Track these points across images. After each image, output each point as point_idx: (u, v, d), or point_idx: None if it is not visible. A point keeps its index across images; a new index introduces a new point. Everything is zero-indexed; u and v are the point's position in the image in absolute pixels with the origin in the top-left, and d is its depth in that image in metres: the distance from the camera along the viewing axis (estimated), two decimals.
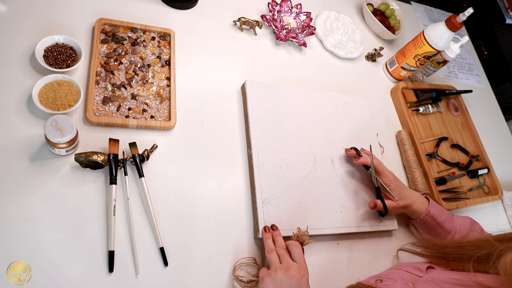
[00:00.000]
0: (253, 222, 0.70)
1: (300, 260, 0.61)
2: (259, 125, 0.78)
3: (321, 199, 0.75)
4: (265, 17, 0.97)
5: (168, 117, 0.73)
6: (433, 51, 0.97)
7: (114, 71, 0.73)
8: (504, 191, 1.03)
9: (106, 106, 0.69)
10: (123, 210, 0.63)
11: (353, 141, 0.86)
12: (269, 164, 0.74)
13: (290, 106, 0.83)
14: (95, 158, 0.62)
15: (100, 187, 0.63)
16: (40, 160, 0.61)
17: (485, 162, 1.05)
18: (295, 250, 0.62)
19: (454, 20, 0.92)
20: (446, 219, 0.77)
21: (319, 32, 1.04)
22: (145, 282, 0.59)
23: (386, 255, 0.79)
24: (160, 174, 0.68)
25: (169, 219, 0.65)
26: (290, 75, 0.93)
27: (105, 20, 0.77)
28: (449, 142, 1.05)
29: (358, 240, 0.77)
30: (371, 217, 0.78)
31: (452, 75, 1.27)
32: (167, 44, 0.81)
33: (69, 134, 0.58)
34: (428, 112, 1.06)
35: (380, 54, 1.09)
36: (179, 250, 0.63)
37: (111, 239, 0.58)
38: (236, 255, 0.66)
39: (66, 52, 0.70)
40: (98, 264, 0.57)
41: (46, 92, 0.64)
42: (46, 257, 0.55)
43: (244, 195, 0.72)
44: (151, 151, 0.68)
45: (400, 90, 1.03)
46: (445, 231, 0.76)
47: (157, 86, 0.75)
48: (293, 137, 0.80)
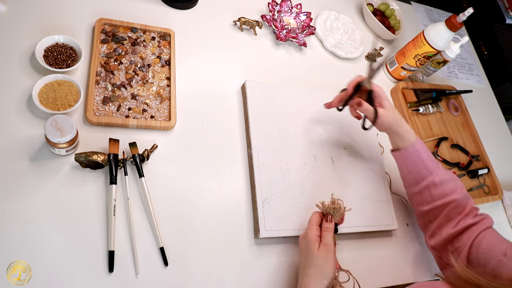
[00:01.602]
0: (253, 222, 0.70)
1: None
2: (259, 125, 0.78)
3: (321, 199, 0.75)
4: (265, 17, 0.97)
5: (168, 117, 0.73)
6: (433, 51, 0.97)
7: (114, 71, 0.73)
8: (504, 191, 1.03)
9: (106, 106, 0.69)
10: (123, 210, 0.63)
11: (353, 141, 0.86)
12: (269, 164, 0.74)
13: (290, 106, 0.83)
14: (95, 158, 0.62)
15: (100, 187, 0.63)
16: (40, 160, 0.61)
17: (485, 162, 1.05)
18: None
19: (454, 20, 0.92)
20: (431, 158, 0.73)
21: (319, 32, 1.04)
22: (145, 282, 0.59)
23: (386, 255, 0.79)
24: (160, 174, 0.68)
25: (169, 219, 0.65)
26: (290, 75, 0.93)
27: (105, 20, 0.77)
28: (449, 142, 1.05)
29: (358, 240, 0.77)
30: (371, 217, 0.78)
31: (452, 75, 1.26)
32: (167, 44, 0.81)
33: (69, 134, 0.58)
34: (428, 112, 1.06)
35: (380, 54, 1.09)
36: (179, 250, 0.63)
37: (111, 239, 0.58)
38: (236, 255, 0.66)
39: (66, 52, 0.70)
40: (98, 264, 0.57)
41: (46, 92, 0.64)
42: (46, 257, 0.55)
43: (244, 195, 0.72)
44: (151, 151, 0.68)
45: (400, 90, 1.03)
46: (427, 170, 0.72)
47: (157, 86, 0.75)
48: (293, 137, 0.80)
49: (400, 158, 0.76)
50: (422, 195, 0.74)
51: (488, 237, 0.66)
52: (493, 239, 0.65)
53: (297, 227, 0.70)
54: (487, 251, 0.64)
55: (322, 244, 0.62)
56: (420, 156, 0.73)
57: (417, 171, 0.74)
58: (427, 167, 0.72)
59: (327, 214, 0.66)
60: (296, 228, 0.70)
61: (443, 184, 0.72)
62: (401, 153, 0.75)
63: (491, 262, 0.62)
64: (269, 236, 0.68)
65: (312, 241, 0.62)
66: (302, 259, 0.62)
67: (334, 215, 0.66)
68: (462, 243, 0.67)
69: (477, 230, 0.67)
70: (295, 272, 0.69)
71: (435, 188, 0.72)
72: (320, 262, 0.60)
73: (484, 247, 0.65)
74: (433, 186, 0.72)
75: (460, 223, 0.69)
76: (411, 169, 0.75)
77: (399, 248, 0.80)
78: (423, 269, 0.80)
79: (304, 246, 0.63)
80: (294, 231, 0.70)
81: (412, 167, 0.74)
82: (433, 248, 0.73)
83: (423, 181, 0.73)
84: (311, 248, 0.61)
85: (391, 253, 0.79)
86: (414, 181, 0.75)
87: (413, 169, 0.74)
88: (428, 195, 0.73)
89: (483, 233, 0.67)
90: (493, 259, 0.62)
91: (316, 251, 0.61)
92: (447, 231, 0.70)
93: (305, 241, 0.63)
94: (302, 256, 0.63)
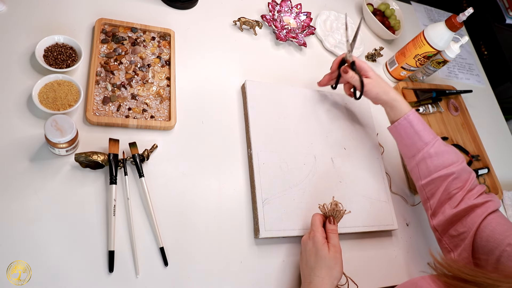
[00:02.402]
0: (253, 222, 0.70)
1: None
2: (259, 125, 0.78)
3: (321, 199, 0.75)
4: (265, 17, 0.97)
5: (168, 117, 0.73)
6: (433, 51, 0.97)
7: (114, 71, 0.73)
8: (504, 191, 1.03)
9: (106, 106, 0.69)
10: (123, 210, 0.63)
11: (353, 141, 0.86)
12: (269, 164, 0.74)
13: (290, 106, 0.83)
14: (95, 158, 0.62)
15: (100, 187, 0.63)
16: (40, 160, 0.61)
17: (485, 162, 1.05)
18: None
19: (454, 20, 0.92)
20: (426, 129, 0.72)
21: (319, 32, 1.04)
22: (145, 282, 0.59)
23: (386, 255, 0.79)
24: (160, 174, 0.68)
25: (169, 219, 0.65)
26: (290, 75, 0.93)
27: (105, 20, 0.77)
28: (449, 142, 1.05)
29: (358, 240, 0.77)
30: (371, 217, 0.78)
31: (452, 75, 1.27)
32: (167, 44, 0.81)
33: (69, 134, 0.58)
34: (428, 112, 1.06)
35: (380, 54, 1.09)
36: (179, 250, 0.63)
37: (111, 239, 0.58)
38: (236, 255, 0.66)
39: (66, 52, 0.70)
40: (98, 264, 0.57)
41: (46, 92, 0.64)
42: (46, 257, 0.55)
43: (244, 195, 0.72)
44: (151, 151, 0.68)
45: (400, 90, 1.03)
46: (422, 141, 0.71)
47: (157, 86, 0.75)
48: (293, 137, 0.80)
49: (395, 132, 0.76)
50: (419, 168, 0.72)
51: (493, 223, 0.62)
52: (498, 226, 0.62)
53: (297, 227, 0.70)
54: (492, 239, 0.61)
55: (331, 245, 0.62)
56: (413, 127, 0.72)
57: (412, 143, 0.72)
58: (422, 138, 0.71)
59: (330, 216, 0.67)
60: (296, 228, 0.70)
61: (439, 155, 0.69)
62: (394, 126, 0.75)
63: (495, 252, 0.59)
64: (269, 236, 0.68)
65: (321, 243, 0.62)
66: (311, 260, 0.62)
67: (336, 217, 0.66)
68: (467, 228, 0.64)
69: (482, 215, 0.64)
70: (295, 272, 0.69)
71: (430, 160, 0.70)
72: (332, 264, 0.60)
73: (489, 234, 0.61)
74: (429, 157, 0.70)
75: (462, 202, 0.66)
76: (406, 142, 0.74)
77: (399, 248, 0.80)
78: (423, 269, 0.80)
79: (311, 248, 0.63)
80: (294, 231, 0.70)
81: (407, 139, 0.73)
82: (435, 229, 0.71)
83: (419, 153, 0.71)
84: (321, 249, 0.61)
85: (391, 253, 0.79)
86: (411, 155, 0.73)
87: (408, 142, 0.73)
88: (424, 168, 0.71)
89: (488, 218, 0.63)
90: (497, 249, 0.59)
91: (327, 252, 0.61)
92: (450, 211, 0.67)
93: (313, 243, 0.63)
94: (310, 257, 0.62)
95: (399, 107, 0.75)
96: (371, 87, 0.77)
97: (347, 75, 0.79)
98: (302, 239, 0.66)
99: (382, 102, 0.77)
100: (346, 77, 0.79)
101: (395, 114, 0.75)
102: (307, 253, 0.63)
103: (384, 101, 0.77)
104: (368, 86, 0.77)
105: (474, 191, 0.68)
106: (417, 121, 0.72)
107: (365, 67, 0.79)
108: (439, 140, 0.72)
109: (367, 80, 0.77)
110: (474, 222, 0.64)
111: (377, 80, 0.78)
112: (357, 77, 0.77)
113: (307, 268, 0.62)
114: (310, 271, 0.61)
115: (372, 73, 0.78)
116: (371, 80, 0.77)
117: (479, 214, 0.64)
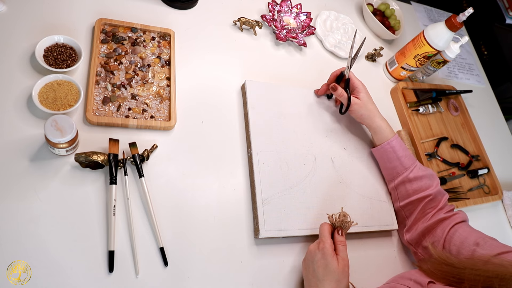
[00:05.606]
0: (253, 222, 0.70)
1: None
2: (259, 125, 0.78)
3: (321, 199, 0.75)
4: (265, 17, 0.97)
5: (168, 117, 0.73)
6: (433, 51, 0.97)
7: (114, 71, 0.73)
8: (504, 191, 1.03)
9: (106, 106, 0.69)
10: (123, 210, 0.63)
11: (353, 141, 0.86)
12: (269, 164, 0.74)
13: (290, 106, 0.83)
14: (95, 158, 0.62)
15: (100, 187, 0.63)
16: (40, 160, 0.61)
17: (485, 162, 1.05)
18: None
19: (454, 20, 0.92)
20: (407, 155, 0.78)
21: (319, 32, 1.04)
22: (145, 282, 0.59)
23: (386, 255, 0.79)
24: (160, 174, 0.68)
25: (169, 219, 0.65)
26: (290, 75, 0.93)
27: (105, 20, 0.77)
28: (449, 142, 1.05)
29: (358, 240, 0.77)
30: (371, 217, 0.78)
31: (452, 75, 1.27)
32: (167, 44, 0.81)
33: (69, 134, 0.58)
34: (428, 112, 1.06)
35: (380, 54, 1.09)
36: (179, 250, 0.63)
37: (111, 239, 0.58)
38: (236, 255, 0.66)
39: (66, 52, 0.70)
40: (98, 264, 0.57)
41: (46, 92, 0.64)
42: (46, 257, 0.55)
43: (244, 195, 0.72)
44: (151, 151, 0.68)
45: (400, 90, 1.03)
46: (403, 166, 0.77)
47: (157, 86, 0.75)
48: (293, 137, 0.80)
49: (378, 154, 0.82)
50: (398, 190, 0.79)
51: (460, 230, 0.69)
52: (464, 232, 0.68)
53: (297, 227, 0.70)
54: (460, 242, 0.67)
55: (340, 258, 0.62)
56: (395, 153, 0.77)
57: (393, 167, 0.78)
58: (403, 164, 0.77)
59: (338, 227, 0.66)
60: (296, 228, 0.70)
61: (417, 180, 0.76)
62: (377, 150, 0.81)
63: (463, 252, 0.66)
64: (269, 236, 0.68)
65: (330, 255, 0.62)
66: (319, 272, 0.61)
67: (344, 229, 0.66)
68: (437, 238, 0.71)
69: (450, 224, 0.71)
70: (295, 272, 0.69)
71: (410, 184, 0.76)
72: (340, 277, 0.60)
73: (457, 239, 0.68)
74: (408, 181, 0.76)
75: (433, 217, 0.73)
76: (387, 165, 0.80)
77: (399, 248, 0.81)
78: None
79: (320, 259, 0.62)
80: (294, 231, 0.70)
81: (389, 163, 0.79)
82: (409, 243, 0.77)
83: (399, 177, 0.77)
84: (330, 262, 0.61)
85: (391, 253, 0.79)
86: (391, 178, 0.80)
87: (389, 165, 0.79)
88: (404, 191, 0.77)
89: (455, 227, 0.70)
90: (465, 249, 0.65)
91: (336, 265, 0.61)
92: (422, 225, 0.73)
93: (322, 254, 0.62)
94: (319, 268, 0.61)
95: (383, 133, 0.79)
96: (357, 108, 0.80)
97: (335, 92, 0.81)
98: (309, 248, 0.65)
99: (366, 125, 0.82)
100: (335, 94, 0.82)
101: (378, 139, 0.80)
102: (315, 264, 0.62)
103: (368, 124, 0.81)
104: (354, 107, 0.80)
105: (445, 209, 0.74)
106: (398, 147, 0.78)
107: (359, 87, 0.81)
108: (417, 164, 0.78)
109: (356, 101, 0.80)
110: (443, 231, 0.70)
111: (366, 102, 0.80)
112: (345, 96, 0.80)
113: (314, 279, 0.62)
114: (317, 283, 0.61)
115: (363, 95, 0.80)
116: (360, 101, 0.80)
117: (447, 224, 0.71)
